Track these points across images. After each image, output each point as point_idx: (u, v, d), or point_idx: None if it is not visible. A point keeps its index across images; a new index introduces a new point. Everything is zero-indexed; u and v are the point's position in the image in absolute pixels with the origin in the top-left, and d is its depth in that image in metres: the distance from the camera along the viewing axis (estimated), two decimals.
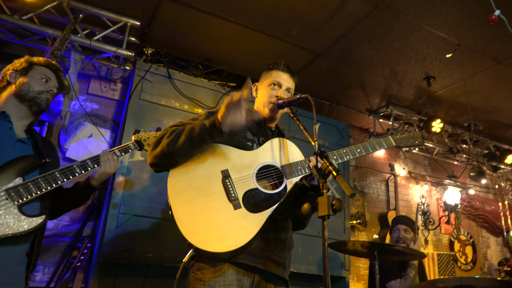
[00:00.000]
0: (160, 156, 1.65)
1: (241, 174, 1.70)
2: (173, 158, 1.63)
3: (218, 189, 1.64)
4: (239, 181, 1.68)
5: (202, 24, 3.57)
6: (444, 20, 3.25)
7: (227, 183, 1.65)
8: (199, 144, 1.65)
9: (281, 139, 1.90)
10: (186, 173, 1.66)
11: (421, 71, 4.08)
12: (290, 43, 3.77)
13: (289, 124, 4.21)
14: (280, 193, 1.72)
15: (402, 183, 5.82)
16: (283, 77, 1.98)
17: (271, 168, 1.79)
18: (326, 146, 4.45)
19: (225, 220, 1.59)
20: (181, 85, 3.78)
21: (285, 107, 1.88)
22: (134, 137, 2.57)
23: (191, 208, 1.58)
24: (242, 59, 4.11)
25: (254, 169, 1.73)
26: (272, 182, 1.78)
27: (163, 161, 1.66)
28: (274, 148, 1.84)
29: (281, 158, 1.82)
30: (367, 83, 4.43)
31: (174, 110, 3.66)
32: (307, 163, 1.83)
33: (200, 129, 1.64)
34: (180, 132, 1.66)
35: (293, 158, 1.85)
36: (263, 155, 1.79)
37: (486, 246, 6.31)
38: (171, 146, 1.63)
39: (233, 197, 1.63)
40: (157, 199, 3.29)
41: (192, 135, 1.63)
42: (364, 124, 5.58)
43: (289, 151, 1.87)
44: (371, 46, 3.72)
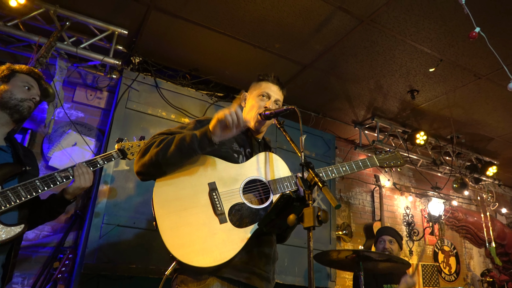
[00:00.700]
0: (148, 165, 1.63)
1: (228, 187, 1.70)
2: (161, 167, 1.62)
3: (205, 201, 1.64)
4: (226, 195, 1.68)
5: (190, 34, 3.59)
6: (427, 36, 3.35)
7: (213, 196, 1.65)
8: (189, 154, 1.65)
9: (268, 154, 1.92)
10: (172, 183, 1.65)
11: (405, 84, 4.18)
12: (277, 55, 3.82)
13: (276, 134, 4.24)
14: (266, 208, 1.73)
15: (387, 194, 5.90)
16: (273, 89, 2.01)
17: (257, 183, 1.80)
18: (313, 157, 4.49)
19: (210, 234, 1.59)
20: (168, 95, 3.78)
21: (272, 118, 1.90)
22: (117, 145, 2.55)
23: (176, 220, 1.58)
24: (230, 70, 4.14)
25: (241, 183, 1.74)
26: (259, 197, 1.79)
27: (150, 170, 1.64)
28: (261, 162, 1.85)
29: (267, 172, 1.84)
30: (353, 96, 4.51)
31: (161, 119, 3.65)
32: (293, 179, 1.86)
33: (191, 140, 1.64)
34: (170, 141, 1.66)
35: (279, 173, 1.87)
36: (250, 169, 1.80)
37: (469, 257, 6.41)
38: (160, 156, 1.62)
39: (219, 211, 1.62)
40: (142, 209, 3.25)
41: (183, 145, 1.63)
42: (350, 135, 5.66)
43: (276, 166, 1.89)
44: (356, 60, 3.80)
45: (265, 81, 2.03)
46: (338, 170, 2.01)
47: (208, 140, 1.65)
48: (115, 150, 2.50)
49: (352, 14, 3.18)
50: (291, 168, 1.91)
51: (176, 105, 3.78)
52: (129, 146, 2.51)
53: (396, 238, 3.57)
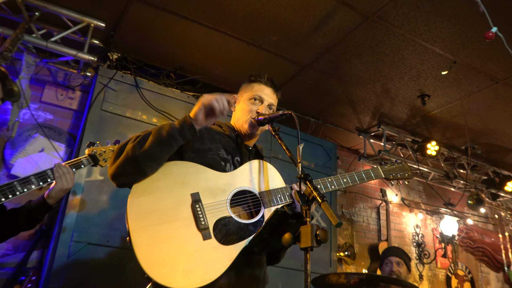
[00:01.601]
0: (123, 162, 1.62)
1: (213, 199, 1.70)
2: (139, 163, 1.60)
3: (187, 215, 1.64)
4: (211, 207, 1.68)
5: (176, 28, 3.61)
6: (439, 35, 3.41)
7: (197, 208, 1.64)
8: (169, 144, 1.65)
9: (261, 162, 1.92)
10: (150, 193, 1.64)
11: (415, 88, 4.24)
12: (273, 54, 3.85)
13: (270, 142, 4.25)
14: (256, 223, 1.72)
15: (394, 210, 5.93)
16: (266, 91, 2.02)
17: (247, 194, 1.79)
18: (311, 168, 4.50)
19: (193, 251, 1.57)
20: (149, 96, 3.78)
21: (266, 123, 1.91)
22: (88, 150, 2.52)
23: (154, 235, 1.56)
24: (220, 69, 4.16)
25: (229, 194, 1.73)
26: (248, 210, 1.79)
27: (127, 168, 1.61)
28: (253, 171, 1.85)
29: (259, 183, 1.83)
30: (357, 100, 4.56)
31: (140, 123, 3.65)
32: (288, 190, 1.85)
33: (170, 128, 1.67)
34: (147, 134, 1.67)
35: (273, 184, 1.87)
36: (240, 178, 1.80)
37: (485, 283, 6.44)
38: (137, 149, 1.61)
39: (202, 226, 1.62)
40: (117, 225, 3.23)
41: (161, 135, 1.64)
42: (354, 144, 5.70)
43: (270, 176, 1.89)
44: (361, 60, 3.85)
45: (257, 83, 2.04)
46: (338, 182, 2.02)
47: (189, 126, 1.68)
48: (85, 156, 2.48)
49: (357, 10, 3.23)
50: (287, 180, 1.92)
51: (159, 108, 3.78)
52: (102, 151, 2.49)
53: (404, 260, 3.58)
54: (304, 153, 4.46)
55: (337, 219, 1.30)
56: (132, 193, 1.63)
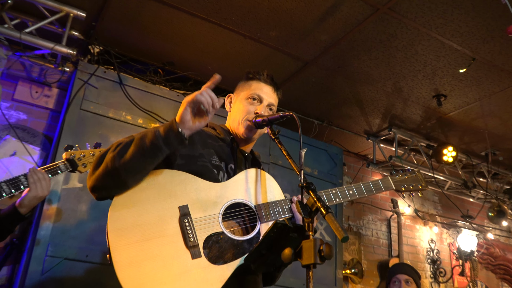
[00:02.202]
0: (103, 175, 1.59)
1: (204, 212, 1.68)
2: (120, 176, 1.58)
3: (173, 230, 1.62)
4: (201, 222, 1.66)
5: (165, 19, 3.61)
6: (457, 29, 3.43)
7: (185, 223, 1.63)
8: (154, 154, 1.60)
9: (258, 171, 1.90)
10: (133, 206, 1.62)
11: (430, 87, 4.25)
12: (272, 48, 3.86)
13: (269, 147, 4.25)
14: (252, 240, 1.72)
15: (407, 223, 5.93)
16: (265, 90, 2.01)
17: (242, 208, 1.78)
18: (315, 175, 4.50)
19: (179, 272, 1.55)
20: (135, 94, 3.77)
21: (264, 126, 1.90)
22: (65, 154, 2.50)
23: (137, 253, 1.55)
24: (213, 65, 4.16)
25: (221, 207, 1.72)
26: (243, 225, 1.78)
27: (107, 181, 1.60)
28: (249, 181, 1.84)
29: (256, 195, 1.82)
30: (366, 100, 4.57)
31: (125, 124, 3.63)
32: (288, 204, 1.84)
33: (153, 136, 1.60)
34: (129, 142, 1.62)
35: (271, 196, 1.86)
36: (234, 189, 1.79)
37: None
38: (117, 160, 1.57)
39: (191, 243, 1.60)
40: (97, 238, 3.21)
41: (144, 144, 1.59)
42: (362, 149, 5.70)
43: (267, 187, 1.88)
44: (370, 56, 3.87)
45: (255, 81, 2.04)
46: (344, 194, 2.01)
47: (176, 133, 1.61)
48: (63, 160, 2.47)
49: (366, 1, 3.24)
50: (287, 189, 1.93)
51: (145, 107, 3.77)
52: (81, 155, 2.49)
53: (413, 277, 3.57)
54: (306, 158, 4.46)
55: (343, 233, 1.29)
56: (113, 206, 1.61)
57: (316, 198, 1.43)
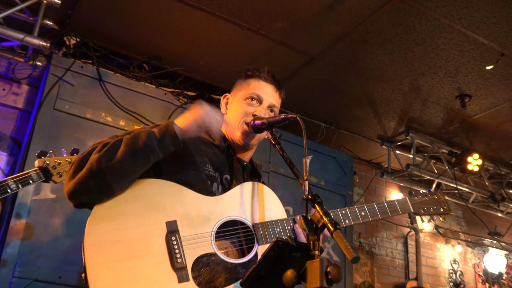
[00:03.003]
0: (86, 176, 1.59)
1: (194, 230, 1.68)
2: (105, 179, 1.58)
3: (159, 249, 1.61)
4: (191, 241, 1.66)
5: (151, 7, 3.62)
6: (483, 20, 3.44)
7: (172, 241, 1.63)
8: (146, 157, 1.63)
9: (256, 185, 1.90)
10: (114, 218, 1.62)
11: (453, 86, 4.26)
12: (274, 41, 3.87)
13: (269, 153, 4.25)
14: (248, 263, 1.71)
15: (426, 241, 5.93)
16: (266, 89, 2.02)
17: (238, 226, 1.78)
18: (321, 186, 4.50)
19: None
20: (116, 92, 3.77)
21: (264, 130, 1.90)
22: (38, 162, 2.49)
23: (117, 273, 1.54)
24: (206, 59, 4.16)
25: (214, 225, 1.72)
26: (238, 246, 1.77)
27: (90, 184, 1.59)
28: (245, 196, 1.83)
29: (253, 212, 1.82)
30: (380, 100, 4.58)
31: (104, 127, 3.63)
32: (290, 223, 1.84)
33: (147, 136, 1.64)
34: (117, 142, 1.64)
35: (271, 213, 1.86)
36: (229, 204, 1.79)
37: None
38: (105, 161, 1.58)
39: (179, 264, 1.59)
40: (72, 257, 3.20)
41: (136, 144, 1.62)
42: (375, 156, 5.70)
43: (267, 203, 1.88)
44: (385, 51, 3.88)
45: (255, 79, 2.04)
46: (355, 216, 2.01)
47: (171, 136, 1.66)
48: (35, 169, 2.46)
49: None
50: (290, 201, 1.93)
51: (128, 107, 3.77)
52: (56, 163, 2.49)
53: None
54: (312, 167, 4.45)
55: (353, 252, 1.29)
56: (92, 217, 1.61)
57: (322, 213, 1.43)
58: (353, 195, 4.82)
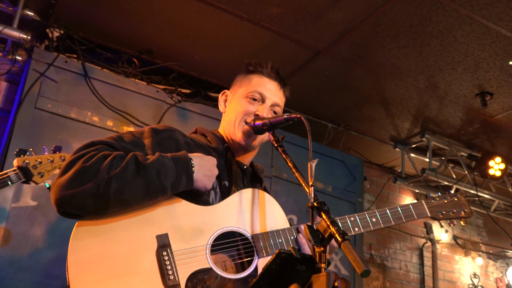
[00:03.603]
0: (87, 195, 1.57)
1: (187, 243, 1.68)
2: (108, 204, 1.59)
3: (149, 265, 1.61)
4: (184, 255, 1.66)
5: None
6: (505, 11, 3.44)
7: (163, 256, 1.62)
8: (155, 195, 1.66)
9: (256, 192, 1.90)
10: (101, 233, 1.62)
11: (473, 83, 4.26)
12: (276, 33, 3.86)
13: (271, 156, 4.25)
14: (247, 278, 1.70)
15: (444, 253, 5.91)
16: (269, 86, 2.02)
17: (237, 238, 1.78)
18: (328, 192, 4.49)
19: None
20: (104, 89, 3.77)
21: (265, 131, 1.90)
22: (17, 161, 2.47)
23: None
24: (202, 53, 4.17)
25: (209, 237, 1.71)
26: (238, 259, 1.77)
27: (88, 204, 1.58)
28: (244, 204, 1.83)
29: (253, 222, 1.82)
30: (392, 98, 4.58)
31: (90, 127, 3.63)
32: (293, 234, 1.84)
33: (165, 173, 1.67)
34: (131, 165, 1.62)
35: (272, 223, 1.86)
36: (227, 214, 1.79)
37: None
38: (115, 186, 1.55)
39: (171, 281, 1.58)
40: (56, 270, 3.19)
41: (153, 180, 1.63)
42: (387, 160, 5.69)
43: (268, 211, 1.88)
44: (398, 44, 3.88)
45: (257, 75, 2.05)
46: (365, 222, 1.99)
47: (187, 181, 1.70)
48: (14, 169, 2.46)
49: None
50: (294, 209, 1.93)
51: (116, 106, 3.77)
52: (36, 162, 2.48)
53: None
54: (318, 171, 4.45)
55: (363, 265, 1.29)
56: (76, 232, 1.60)
57: (329, 222, 1.43)
58: (363, 203, 4.82)
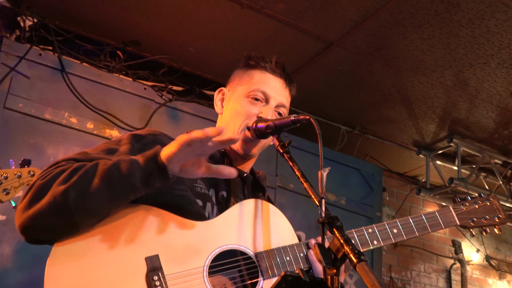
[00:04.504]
0: (47, 211, 1.56)
1: (181, 265, 1.67)
2: (72, 218, 1.56)
3: None
4: (178, 279, 1.65)
5: None
6: None
7: (154, 282, 1.61)
8: (125, 195, 1.62)
9: (259, 203, 1.89)
10: (81, 256, 1.60)
11: (508, 80, 4.25)
12: (282, 22, 3.86)
13: (276, 164, 4.24)
14: None
15: (475, 276, 5.89)
16: (273, 84, 2.02)
17: (238, 257, 1.77)
18: (342, 205, 4.49)
19: None
20: (83, 86, 3.77)
21: (269, 135, 1.90)
22: None
23: None
24: (196, 45, 4.17)
25: (207, 257, 1.71)
26: (240, 282, 1.77)
27: (51, 221, 1.57)
28: (245, 218, 1.83)
29: (256, 237, 1.81)
30: (416, 97, 4.57)
31: (68, 130, 3.63)
32: (303, 250, 1.83)
33: (129, 169, 1.59)
34: (90, 170, 1.60)
35: (279, 239, 1.85)
36: (225, 230, 1.78)
37: None
38: (73, 196, 1.55)
39: None
40: None
41: (115, 179, 1.59)
42: (410, 168, 5.68)
43: (273, 225, 1.87)
44: (422, 34, 3.87)
45: (259, 70, 2.04)
46: (385, 234, 1.99)
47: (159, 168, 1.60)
48: None
49: None
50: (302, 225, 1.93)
51: (97, 106, 3.76)
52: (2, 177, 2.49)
53: None
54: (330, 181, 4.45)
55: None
56: (53, 256, 1.59)
57: (343, 240, 1.43)
58: (381, 217, 4.80)
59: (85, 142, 3.64)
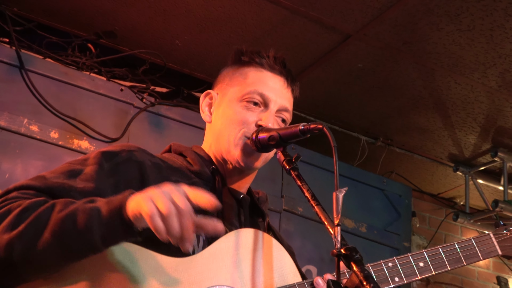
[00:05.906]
0: None
1: None
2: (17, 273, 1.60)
3: None
4: None
5: None
6: None
7: None
8: (81, 253, 1.59)
9: (260, 234, 1.89)
10: None
11: None
12: (289, 10, 3.88)
13: (281, 183, 4.25)
14: None
15: None
16: (273, 84, 2.04)
17: None
18: (362, 233, 4.49)
19: None
20: (46, 86, 3.79)
21: (273, 147, 1.92)
22: None
23: None
24: (184, 37, 4.20)
25: None
26: None
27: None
28: (242, 252, 1.83)
29: (253, 277, 1.82)
30: (452, 102, 4.59)
31: (27, 140, 3.64)
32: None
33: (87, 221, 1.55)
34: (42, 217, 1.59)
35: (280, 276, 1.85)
36: (213, 268, 1.77)
37: None
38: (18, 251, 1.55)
39: None
40: None
41: (69, 233, 1.57)
42: (446, 188, 5.69)
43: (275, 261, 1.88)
44: (460, 26, 3.89)
45: (254, 67, 2.06)
46: (409, 269, 1.98)
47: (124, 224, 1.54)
48: None
49: None
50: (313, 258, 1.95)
51: (63, 111, 3.77)
52: None
53: None
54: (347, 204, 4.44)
55: None
56: None
57: (363, 277, 1.44)
58: (410, 248, 4.80)
59: (48, 155, 3.65)
